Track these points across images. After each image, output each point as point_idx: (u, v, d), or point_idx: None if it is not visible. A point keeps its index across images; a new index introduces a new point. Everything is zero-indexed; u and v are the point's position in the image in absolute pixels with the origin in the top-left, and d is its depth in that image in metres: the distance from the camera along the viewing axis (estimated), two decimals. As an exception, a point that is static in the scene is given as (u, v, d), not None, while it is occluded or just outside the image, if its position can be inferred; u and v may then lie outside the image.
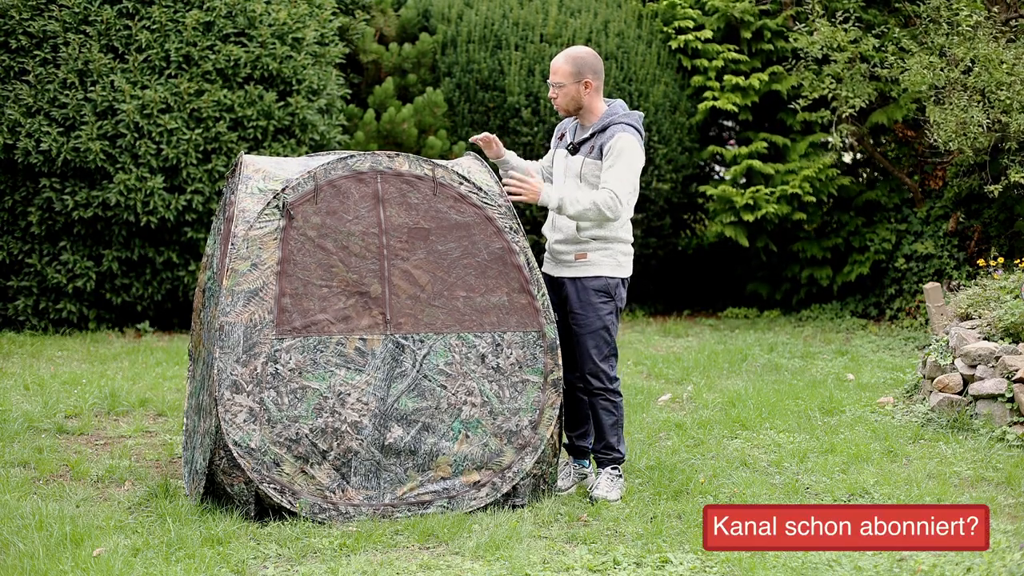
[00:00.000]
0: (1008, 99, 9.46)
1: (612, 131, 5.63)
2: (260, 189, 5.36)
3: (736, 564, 4.78)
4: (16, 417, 6.83)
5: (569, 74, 5.67)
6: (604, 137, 5.64)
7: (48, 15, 9.64)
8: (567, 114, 5.78)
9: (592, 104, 5.72)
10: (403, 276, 5.43)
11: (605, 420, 5.76)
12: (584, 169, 5.66)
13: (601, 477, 5.77)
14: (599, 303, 5.68)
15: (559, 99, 5.72)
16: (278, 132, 10.13)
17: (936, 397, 7.10)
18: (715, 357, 9.42)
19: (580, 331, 5.70)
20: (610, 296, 5.69)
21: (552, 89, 5.73)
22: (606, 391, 5.73)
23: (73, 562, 4.64)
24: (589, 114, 5.74)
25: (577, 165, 5.70)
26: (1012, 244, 10.67)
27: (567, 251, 5.73)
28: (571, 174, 5.73)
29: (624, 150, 5.58)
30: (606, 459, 5.79)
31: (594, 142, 5.66)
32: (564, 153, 5.80)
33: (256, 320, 5.22)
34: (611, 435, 5.76)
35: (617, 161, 5.57)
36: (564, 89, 5.68)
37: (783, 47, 11.71)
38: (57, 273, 9.75)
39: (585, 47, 5.81)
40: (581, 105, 5.71)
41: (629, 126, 5.64)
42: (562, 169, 5.79)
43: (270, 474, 5.19)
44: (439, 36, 11.78)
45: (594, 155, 5.64)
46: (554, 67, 5.71)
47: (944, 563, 4.73)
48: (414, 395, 5.39)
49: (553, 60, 5.74)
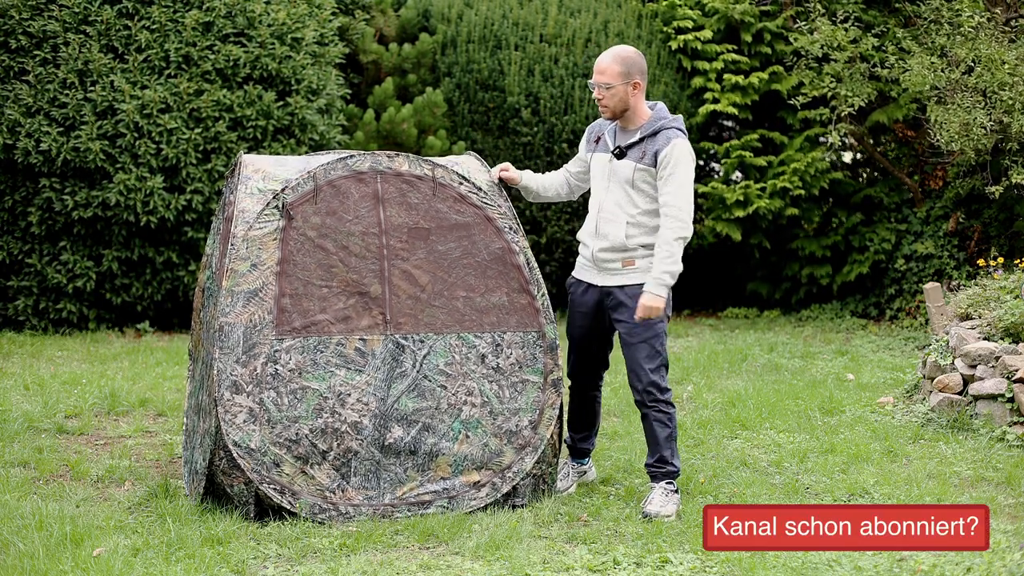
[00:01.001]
0: (1010, 100, 9.45)
1: (665, 137, 5.40)
2: (260, 189, 5.36)
3: (736, 564, 4.78)
4: (16, 417, 6.82)
5: (619, 74, 5.43)
6: (657, 143, 5.41)
7: (48, 15, 9.64)
8: (613, 116, 5.52)
9: (637, 106, 5.50)
10: (403, 276, 5.43)
11: (659, 433, 5.53)
12: (635, 175, 5.42)
13: (655, 492, 5.51)
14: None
15: (606, 100, 5.45)
16: (277, 132, 10.13)
17: (936, 397, 7.10)
18: (715, 357, 9.42)
19: (631, 340, 5.49)
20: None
21: (598, 90, 5.46)
22: (659, 403, 5.53)
23: (73, 562, 4.64)
24: (634, 116, 5.51)
25: (627, 171, 5.45)
26: (1012, 244, 10.67)
27: (613, 259, 5.52)
28: (618, 179, 5.48)
29: (681, 159, 5.36)
30: (659, 473, 5.55)
31: (645, 147, 5.43)
32: (607, 157, 5.53)
33: (256, 320, 5.22)
34: (665, 448, 5.53)
35: (676, 171, 5.35)
36: (613, 90, 5.43)
37: (782, 49, 11.71)
38: (57, 273, 9.74)
39: (630, 47, 5.56)
40: (628, 107, 5.47)
41: (679, 131, 5.44)
42: (605, 174, 5.54)
43: (270, 474, 5.19)
44: (439, 36, 11.78)
45: (646, 161, 5.40)
46: (601, 67, 5.45)
47: (944, 563, 4.73)
48: (414, 395, 5.39)
49: (599, 59, 5.48)
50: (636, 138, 5.46)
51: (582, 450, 5.93)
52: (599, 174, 5.58)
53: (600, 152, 5.59)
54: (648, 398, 5.53)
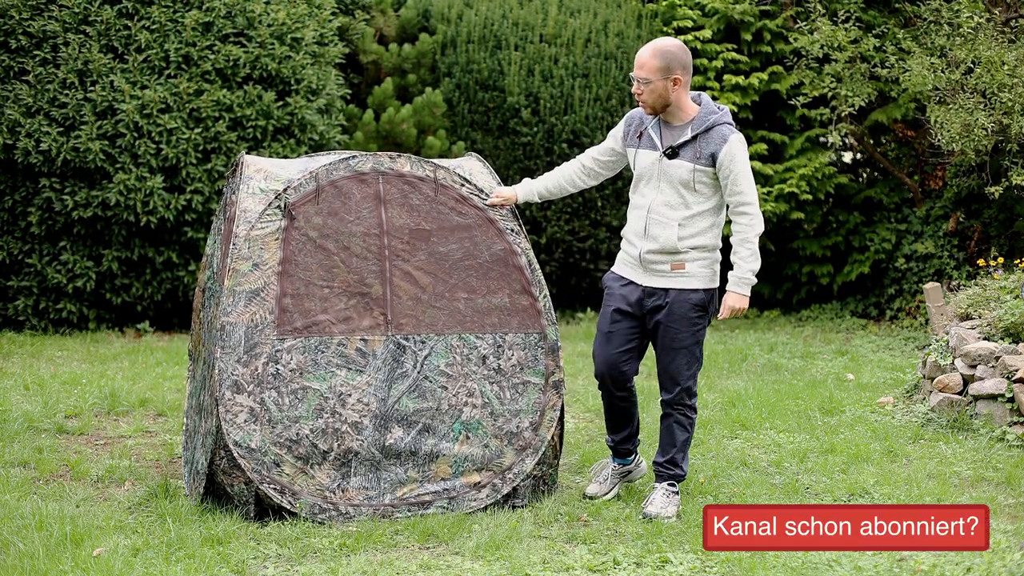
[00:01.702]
0: (1010, 101, 9.46)
1: (720, 135, 5.24)
2: (261, 189, 5.36)
3: (736, 564, 4.78)
4: (16, 417, 6.82)
5: (657, 69, 5.22)
6: (712, 142, 5.24)
7: (48, 15, 9.64)
8: (653, 112, 5.32)
9: (681, 101, 5.29)
10: (404, 277, 5.43)
11: (678, 436, 5.47)
12: (694, 176, 5.26)
13: (656, 493, 5.45)
14: (695, 317, 5.36)
15: (645, 96, 5.26)
16: (277, 132, 10.13)
17: (936, 397, 7.10)
18: (715, 357, 9.42)
19: (672, 345, 5.37)
20: (705, 310, 5.39)
21: (637, 85, 5.26)
22: (687, 407, 5.47)
23: (73, 562, 4.64)
24: (678, 112, 5.31)
25: (682, 172, 5.27)
26: (1012, 244, 10.67)
27: (662, 260, 5.35)
28: (670, 180, 5.30)
29: (739, 155, 5.22)
30: (666, 474, 5.48)
31: (699, 147, 5.25)
32: (656, 156, 5.33)
33: (257, 320, 5.22)
34: (680, 452, 5.47)
35: (739, 168, 5.22)
36: (651, 86, 5.23)
37: (782, 48, 11.71)
38: (57, 273, 9.74)
39: (673, 39, 5.34)
40: (669, 103, 5.27)
41: (730, 124, 5.28)
42: (655, 174, 5.34)
43: (270, 474, 5.19)
44: (439, 36, 11.78)
45: (703, 161, 5.24)
46: (640, 61, 5.25)
47: (944, 563, 4.74)
48: (415, 396, 5.39)
49: (638, 53, 5.29)
50: (688, 136, 5.28)
51: (624, 451, 5.73)
52: (647, 173, 5.38)
53: (646, 149, 5.38)
54: (679, 401, 5.45)
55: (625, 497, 5.72)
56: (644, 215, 5.37)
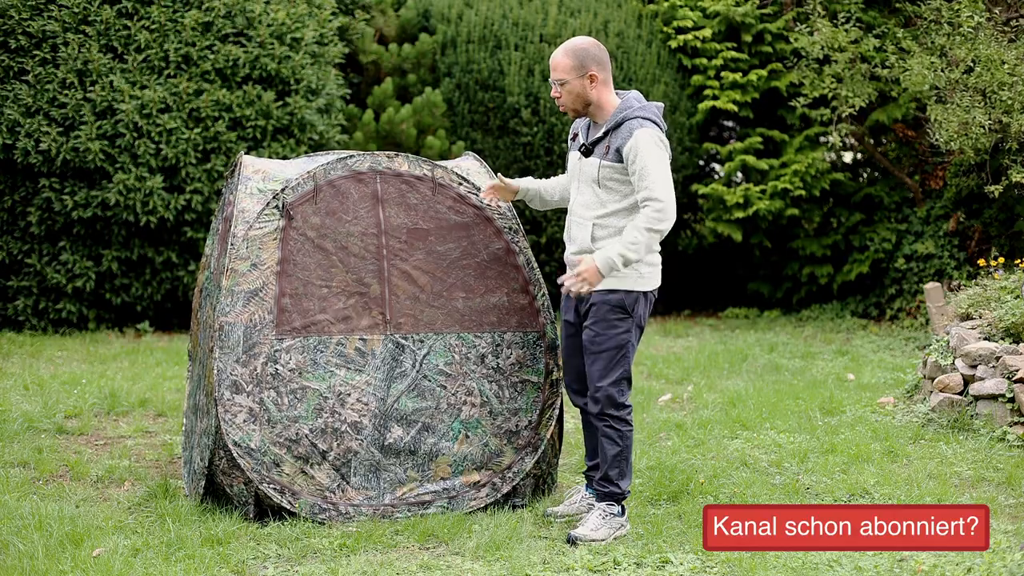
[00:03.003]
0: (1009, 99, 9.45)
1: (628, 129, 5.00)
2: (260, 189, 5.36)
3: (736, 564, 4.77)
4: (16, 417, 6.82)
5: (570, 68, 5.05)
6: (620, 136, 5.02)
7: (48, 15, 9.64)
8: (575, 114, 5.15)
9: (602, 99, 5.09)
10: (402, 276, 5.43)
11: (608, 450, 5.13)
12: (601, 173, 5.05)
13: (592, 514, 5.14)
14: (615, 320, 5.06)
15: (563, 97, 5.10)
16: (277, 132, 10.13)
17: (936, 397, 7.10)
18: (715, 357, 9.41)
19: (591, 349, 5.10)
20: (627, 312, 5.06)
21: (554, 87, 5.11)
22: (611, 418, 5.11)
23: (73, 562, 4.64)
24: (600, 111, 5.11)
25: (593, 169, 5.08)
26: (1012, 244, 10.66)
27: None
28: (586, 179, 5.12)
29: (642, 148, 4.93)
30: (602, 492, 5.18)
31: (609, 142, 5.04)
32: (577, 155, 5.20)
33: (256, 320, 5.22)
34: (612, 467, 5.13)
35: (646, 162, 4.93)
36: (567, 86, 5.06)
37: (783, 48, 11.71)
38: (57, 273, 9.74)
39: (586, 37, 5.16)
40: (589, 101, 5.08)
41: (645, 119, 5.01)
42: (576, 174, 5.19)
43: (270, 474, 5.19)
44: (439, 36, 11.78)
45: (611, 157, 5.03)
46: (553, 63, 5.09)
47: (944, 563, 4.73)
48: (414, 395, 5.39)
49: (551, 56, 5.11)
50: (601, 132, 5.09)
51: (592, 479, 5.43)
52: (573, 173, 5.24)
53: (573, 150, 5.25)
54: (600, 410, 5.11)
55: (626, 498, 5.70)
56: (568, 217, 5.24)
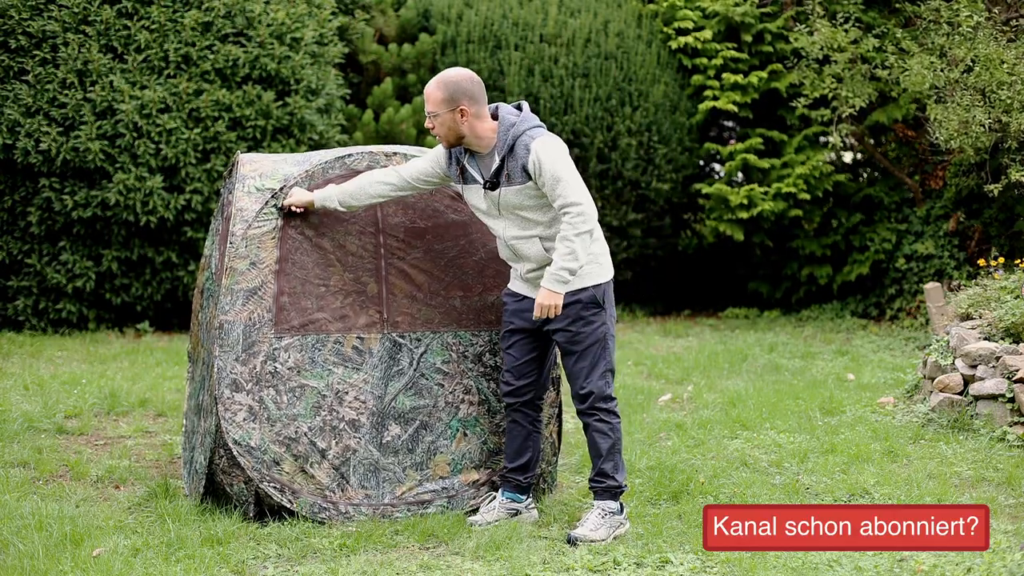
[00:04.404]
0: (1009, 99, 9.45)
1: (523, 146, 5.01)
2: (258, 188, 5.36)
3: (736, 564, 4.77)
4: (16, 417, 6.82)
5: (441, 101, 5.04)
6: (518, 157, 5.01)
7: (48, 15, 9.64)
8: (449, 145, 5.13)
9: (476, 131, 5.07)
10: (400, 275, 5.43)
11: (600, 444, 5.12)
12: (518, 199, 5.05)
13: (591, 513, 5.13)
14: (590, 316, 5.10)
15: (436, 128, 5.09)
16: (277, 132, 10.13)
17: (936, 397, 7.10)
18: (715, 357, 9.41)
19: (575, 349, 5.11)
20: (600, 306, 5.13)
21: (428, 119, 5.11)
22: (600, 411, 5.12)
23: (73, 562, 4.64)
24: (478, 140, 5.10)
25: (510, 198, 5.07)
26: (1012, 244, 10.66)
27: (543, 274, 5.08)
28: (507, 209, 5.10)
29: (544, 158, 4.96)
30: (600, 489, 5.16)
31: (509, 168, 5.04)
32: (480, 191, 5.15)
33: (255, 319, 5.22)
34: (607, 461, 5.12)
35: (553, 170, 4.95)
36: (439, 119, 5.05)
37: (783, 48, 11.71)
38: (57, 273, 9.74)
39: (461, 69, 5.15)
40: (461, 134, 5.07)
41: (533, 129, 5.05)
42: (492, 208, 5.15)
43: (270, 473, 5.19)
44: (439, 36, 11.78)
45: (518, 180, 5.02)
46: (426, 94, 5.09)
47: (944, 563, 4.73)
48: (411, 393, 5.39)
49: (426, 86, 5.14)
50: (498, 162, 5.07)
51: (515, 483, 5.35)
52: (482, 207, 5.20)
53: (471, 185, 5.19)
54: (588, 405, 5.12)
55: (624, 498, 5.70)
56: (506, 244, 5.19)
